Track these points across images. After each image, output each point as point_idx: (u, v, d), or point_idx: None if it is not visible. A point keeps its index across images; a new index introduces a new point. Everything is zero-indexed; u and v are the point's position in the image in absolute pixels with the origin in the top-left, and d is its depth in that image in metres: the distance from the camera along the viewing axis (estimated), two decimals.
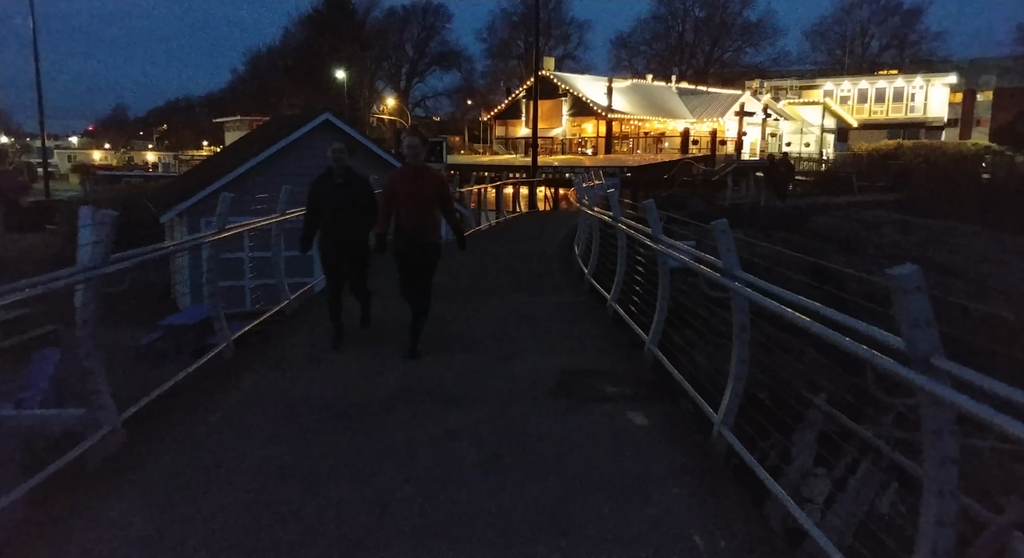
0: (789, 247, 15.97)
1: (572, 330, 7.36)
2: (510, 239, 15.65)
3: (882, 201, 29.67)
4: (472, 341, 7.03)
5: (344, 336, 7.16)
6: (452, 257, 11.85)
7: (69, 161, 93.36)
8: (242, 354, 6.81)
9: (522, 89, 47.94)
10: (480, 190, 19.23)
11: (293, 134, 17.95)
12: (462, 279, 9.88)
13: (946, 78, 56.54)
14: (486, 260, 11.89)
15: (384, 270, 7.94)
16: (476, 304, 8.44)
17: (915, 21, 75.17)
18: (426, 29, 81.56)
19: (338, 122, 18.27)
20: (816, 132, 50.65)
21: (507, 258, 12.08)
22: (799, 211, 22.82)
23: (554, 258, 12.31)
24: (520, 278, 10.44)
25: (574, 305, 8.43)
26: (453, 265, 10.90)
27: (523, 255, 12.37)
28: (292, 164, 18.18)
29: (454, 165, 44.05)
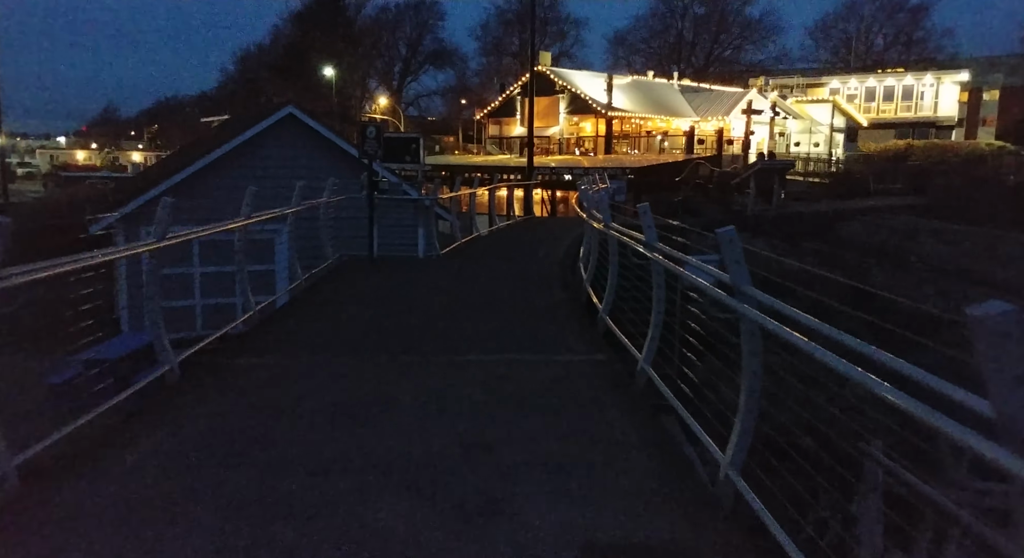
0: (821, 261, 13.70)
1: (590, 433, 4.42)
2: (502, 254, 13.35)
3: (904, 205, 27.43)
4: (428, 464, 4.01)
5: None
6: (432, 283, 9.49)
7: (52, 161, 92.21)
8: (192, 377, 5.58)
9: (517, 86, 45.59)
10: (470, 194, 16.96)
11: (251, 129, 15.59)
12: (436, 319, 7.49)
13: (957, 76, 54.42)
14: (471, 287, 9.51)
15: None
16: (446, 371, 5.62)
17: (922, 18, 73.21)
18: (419, 27, 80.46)
19: (303, 116, 15.94)
20: (825, 131, 48.41)
21: (497, 283, 9.69)
22: (823, 217, 20.56)
23: (555, 282, 9.91)
24: (513, 317, 7.64)
25: (589, 372, 5.60)
26: (430, 294, 8.54)
27: (517, 278, 9.96)
28: (254, 163, 15.85)
29: (445, 166, 41.72)
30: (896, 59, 72.25)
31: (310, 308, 7.72)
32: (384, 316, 7.33)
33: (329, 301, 8.07)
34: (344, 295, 8.44)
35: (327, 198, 10.84)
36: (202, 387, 5.29)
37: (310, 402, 4.86)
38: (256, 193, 7.68)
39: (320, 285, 9.23)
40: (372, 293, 8.69)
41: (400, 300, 8.17)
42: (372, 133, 11.09)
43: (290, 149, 16.15)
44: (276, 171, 15.78)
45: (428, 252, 12.12)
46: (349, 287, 9.03)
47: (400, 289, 8.97)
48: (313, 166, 15.87)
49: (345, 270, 10.42)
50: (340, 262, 11.07)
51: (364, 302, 8.01)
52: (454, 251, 12.92)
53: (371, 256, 11.36)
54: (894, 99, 55.75)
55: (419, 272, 10.26)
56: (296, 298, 8.52)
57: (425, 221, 12.09)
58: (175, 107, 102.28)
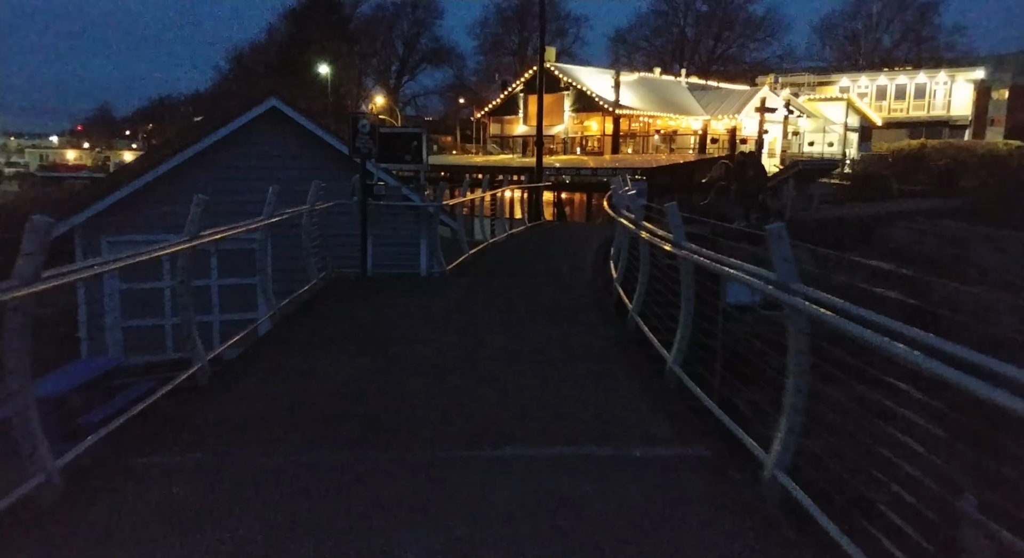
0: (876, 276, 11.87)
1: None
2: (519, 270, 11.33)
3: (936, 208, 25.62)
4: None
5: None
6: (438, 314, 7.38)
7: (41, 161, 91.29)
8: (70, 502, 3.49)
9: (519, 83, 43.72)
10: (479, 198, 15.01)
11: (225, 127, 13.68)
12: (447, 376, 5.30)
13: (972, 73, 52.75)
14: (489, 320, 7.34)
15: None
16: (471, 491, 3.48)
17: (931, 15, 71.53)
18: (416, 25, 79.60)
19: (288, 109, 14.03)
20: (839, 131, 46.60)
21: (522, 314, 7.43)
22: (863, 223, 18.77)
23: (593, 311, 7.85)
24: (557, 374, 5.34)
25: (700, 488, 3.53)
26: (437, 332, 6.63)
27: (546, 307, 7.77)
28: (230, 163, 13.97)
29: (444, 166, 39.85)
30: (904, 57, 70.75)
31: (274, 358, 5.76)
32: (373, 373, 5.21)
33: (301, 345, 6.10)
34: (323, 335, 6.51)
35: (311, 205, 8.95)
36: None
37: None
38: (227, 199, 5.90)
39: (297, 318, 7.33)
40: (360, 332, 6.75)
41: (397, 342, 6.23)
42: (365, 128, 9.21)
43: (273, 147, 14.25)
44: (256, 173, 13.87)
45: (432, 269, 10.24)
46: (331, 321, 7.12)
47: (397, 324, 7.06)
48: (300, 166, 13.97)
49: (331, 295, 8.52)
50: (327, 283, 9.17)
51: (348, 348, 6.03)
52: (462, 266, 11.06)
53: (364, 274, 9.49)
54: (906, 97, 54.09)
55: (422, 296, 8.35)
56: (266, 337, 6.62)
57: (428, 231, 10.20)
58: (170, 107, 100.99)
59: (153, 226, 13.50)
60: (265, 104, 13.96)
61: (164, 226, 14.25)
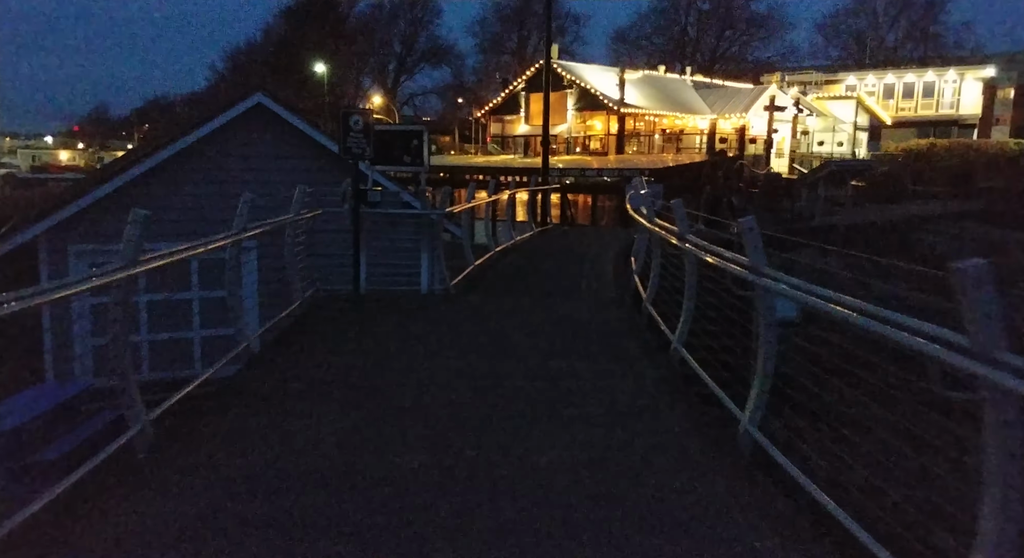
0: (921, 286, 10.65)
1: None
2: (535, 286, 9.89)
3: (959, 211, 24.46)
4: None
5: None
6: (445, 350, 5.87)
7: (33, 161, 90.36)
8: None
9: (521, 80, 42.46)
10: (487, 203, 13.69)
11: (207, 124, 12.43)
12: (457, 441, 4.04)
13: (982, 71, 51.64)
14: (508, 358, 5.90)
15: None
16: None
17: (937, 12, 70.45)
18: (414, 24, 78.84)
19: (275, 106, 12.78)
20: (849, 130, 45.40)
21: (547, 349, 5.93)
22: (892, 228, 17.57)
23: (624, 338, 6.67)
24: (590, 439, 4.07)
25: None
26: (444, 381, 5.38)
27: (574, 338, 6.45)
28: (211, 165, 12.74)
29: (443, 167, 38.59)
30: (910, 55, 69.69)
31: (236, 417, 4.43)
32: (360, 445, 3.92)
33: (272, 396, 4.78)
34: (301, 380, 5.18)
35: (295, 215, 7.73)
36: None
37: None
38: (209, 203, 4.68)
39: (273, 353, 6.11)
40: (346, 375, 5.41)
41: (392, 391, 4.90)
42: (358, 124, 7.98)
43: (260, 147, 13.01)
44: (242, 174, 12.67)
45: (434, 285, 9.01)
46: (314, 359, 5.84)
47: (393, 361, 5.79)
48: (289, 168, 12.74)
49: (317, 321, 7.29)
50: (312, 304, 7.95)
51: (329, 400, 4.62)
52: (468, 280, 9.83)
53: (356, 292, 8.26)
54: (914, 96, 53.01)
55: (423, 321, 7.11)
56: (233, 383, 5.38)
57: (431, 243, 8.96)
58: (166, 106, 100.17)
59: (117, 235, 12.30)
60: (250, 100, 12.72)
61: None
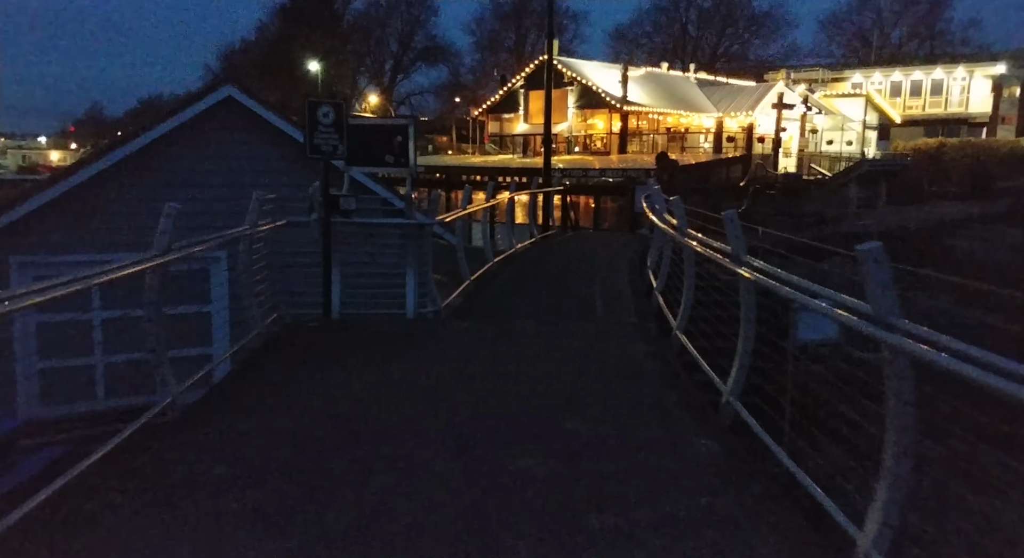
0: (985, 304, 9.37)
1: None
2: (542, 307, 8.53)
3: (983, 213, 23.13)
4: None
5: None
6: (435, 405, 4.56)
7: (23, 161, 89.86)
8: None
9: (520, 77, 41.03)
10: (469, 209, 12.15)
11: (170, 120, 11.04)
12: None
13: (991, 68, 50.31)
14: (503, 408, 4.35)
15: None
16: None
17: (942, 9, 69.15)
18: (410, 22, 77.79)
19: (247, 100, 11.39)
20: (857, 128, 44.02)
21: (554, 399, 4.41)
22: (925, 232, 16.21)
23: (655, 380, 5.30)
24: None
25: None
26: (424, 457, 3.96)
27: (587, 377, 5.13)
28: (183, 161, 11.36)
29: (439, 167, 37.20)
30: (914, 53, 68.40)
31: (128, 537, 3.07)
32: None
33: (187, 491, 3.38)
34: (219, 470, 3.70)
35: (250, 226, 6.35)
36: None
37: None
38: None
39: (207, 411, 4.73)
40: (299, 448, 3.86)
41: (354, 480, 3.50)
42: (327, 116, 6.60)
43: (231, 145, 11.63)
44: (207, 176, 11.28)
45: (423, 307, 7.61)
46: (259, 421, 4.40)
47: (362, 425, 4.27)
48: (261, 169, 11.37)
49: (274, 358, 5.89)
50: (271, 336, 6.56)
51: (266, 504, 3.28)
52: (463, 299, 8.46)
53: (327, 319, 6.88)
54: (922, 94, 51.73)
55: (404, 363, 5.60)
56: (134, 468, 3.97)
57: (418, 258, 7.56)
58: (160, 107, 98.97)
59: (76, 243, 10.93)
60: (218, 93, 11.33)
61: (93, 241, 11.71)
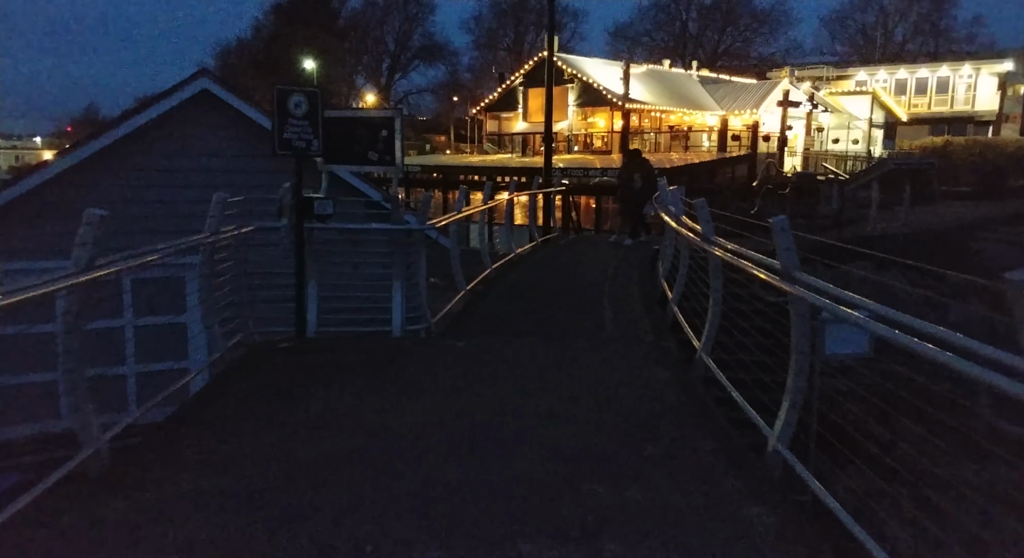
0: None
1: None
2: (542, 319, 7.43)
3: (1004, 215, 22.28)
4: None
5: None
6: (417, 449, 3.84)
7: (16, 161, 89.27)
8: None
9: (518, 75, 40.15)
10: (465, 212, 11.16)
11: (139, 116, 10.15)
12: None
13: (998, 66, 49.42)
14: (506, 457, 3.46)
15: None
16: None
17: (947, 5, 68.26)
18: (408, 20, 77.15)
19: (222, 92, 10.50)
20: (863, 127, 43.16)
21: (565, 445, 3.51)
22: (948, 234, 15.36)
23: (683, 417, 4.40)
24: None
25: None
26: (410, 534, 3.08)
27: (603, 412, 4.24)
28: (156, 159, 10.49)
29: (437, 167, 36.33)
30: (918, 50, 67.59)
31: None
32: None
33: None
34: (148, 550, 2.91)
35: (211, 233, 5.47)
36: None
37: None
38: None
39: (143, 460, 3.85)
40: (231, 534, 3.12)
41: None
42: (300, 107, 5.72)
43: (207, 142, 10.75)
44: (181, 175, 10.40)
45: (413, 324, 6.73)
46: (191, 493, 3.55)
47: (326, 493, 3.47)
48: (239, 167, 10.48)
49: (229, 392, 4.98)
50: (234, 361, 5.67)
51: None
52: (457, 314, 7.59)
53: (301, 339, 6.00)
54: (927, 92, 50.84)
55: (384, 397, 4.67)
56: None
57: (406, 268, 6.67)
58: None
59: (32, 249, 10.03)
60: (192, 86, 10.44)
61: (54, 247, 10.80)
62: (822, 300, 3.58)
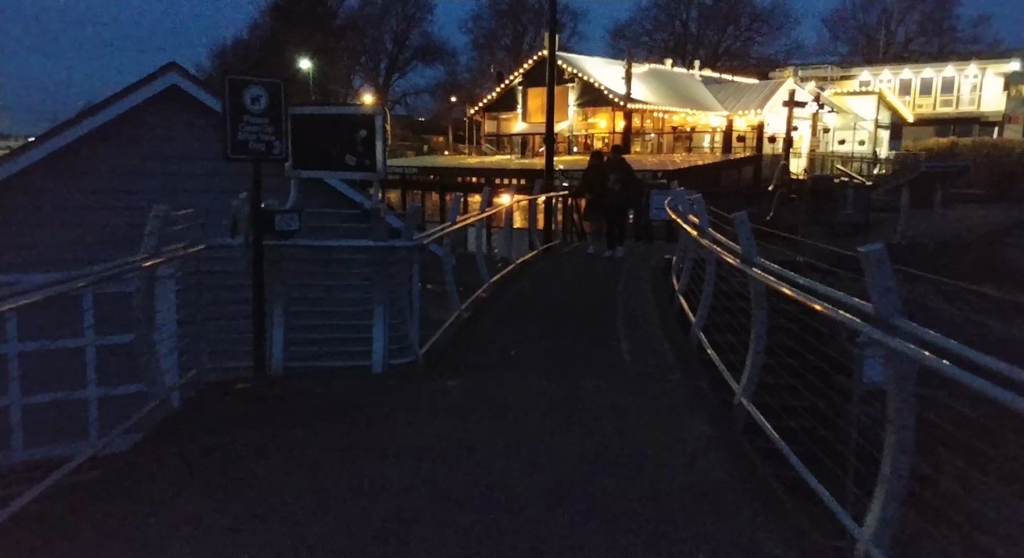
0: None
1: None
2: (547, 348, 6.50)
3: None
4: None
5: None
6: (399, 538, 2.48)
7: None
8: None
9: (517, 74, 39.19)
10: (459, 223, 9.98)
11: (101, 114, 9.16)
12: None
13: (1005, 66, 48.57)
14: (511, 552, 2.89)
15: None
16: None
17: (951, 4, 67.37)
18: (406, 20, 76.39)
19: (194, 89, 9.53)
20: (869, 128, 42.24)
21: (585, 526, 3.09)
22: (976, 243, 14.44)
23: (728, 490, 3.57)
24: None
25: None
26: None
27: (631, 484, 3.47)
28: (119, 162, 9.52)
29: (434, 169, 35.36)
30: (921, 50, 66.73)
31: None
32: None
33: None
34: None
35: (148, 255, 4.50)
36: None
37: None
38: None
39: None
40: None
41: None
42: (259, 102, 4.75)
43: (177, 143, 9.77)
44: (144, 181, 9.43)
45: (397, 357, 5.75)
46: None
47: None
48: (210, 170, 9.49)
49: (159, 457, 3.99)
50: (174, 413, 4.70)
51: None
52: (450, 340, 6.63)
53: (261, 378, 5.03)
54: (932, 92, 49.95)
55: (356, 463, 3.59)
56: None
57: (388, 290, 5.68)
58: None
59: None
60: (160, 81, 9.46)
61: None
62: (940, 361, 2.61)
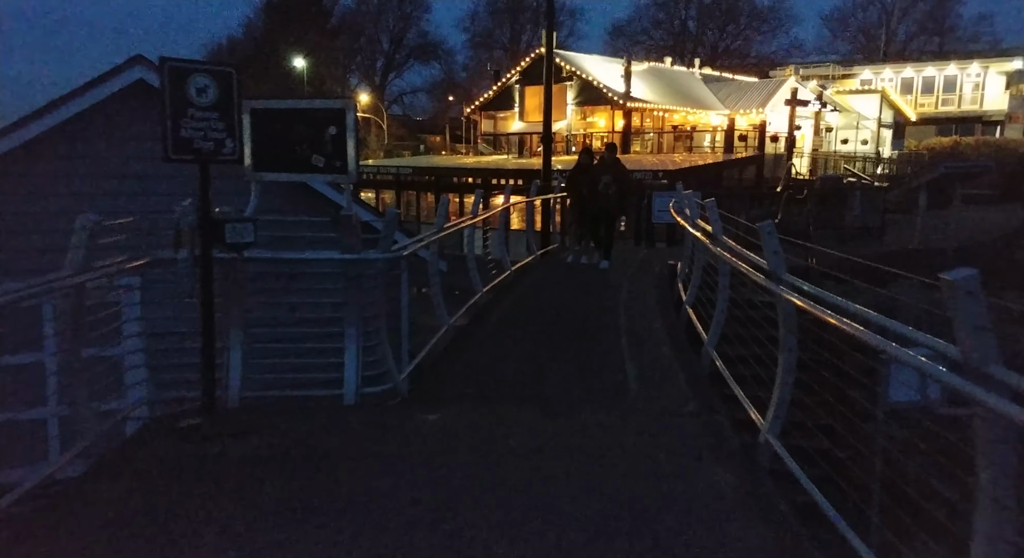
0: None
1: None
2: (543, 373, 5.68)
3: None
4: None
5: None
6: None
7: None
8: None
9: (515, 72, 38.45)
10: (448, 229, 9.09)
11: (58, 112, 8.46)
12: None
13: (1007, 65, 47.97)
14: None
15: None
16: None
17: (953, 3, 66.84)
18: (402, 19, 75.94)
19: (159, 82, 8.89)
20: (872, 127, 41.59)
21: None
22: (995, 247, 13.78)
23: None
24: None
25: None
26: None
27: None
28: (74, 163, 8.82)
29: (429, 169, 34.65)
30: (922, 49, 66.19)
31: None
32: None
33: None
34: None
35: (72, 274, 3.81)
36: None
37: None
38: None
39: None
40: None
41: None
42: (207, 94, 4.06)
43: (145, 143, 9.06)
44: (106, 183, 8.73)
45: (372, 384, 5.05)
46: None
47: None
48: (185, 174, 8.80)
49: (71, 523, 3.34)
50: (107, 455, 4.00)
51: None
52: (437, 362, 5.93)
53: (210, 410, 4.34)
54: (934, 91, 49.34)
55: (310, 532, 3.16)
56: None
57: (361, 309, 4.98)
58: None
59: None
60: (125, 75, 8.75)
61: None
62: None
